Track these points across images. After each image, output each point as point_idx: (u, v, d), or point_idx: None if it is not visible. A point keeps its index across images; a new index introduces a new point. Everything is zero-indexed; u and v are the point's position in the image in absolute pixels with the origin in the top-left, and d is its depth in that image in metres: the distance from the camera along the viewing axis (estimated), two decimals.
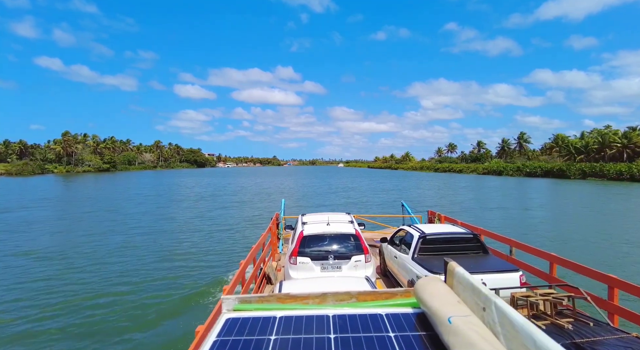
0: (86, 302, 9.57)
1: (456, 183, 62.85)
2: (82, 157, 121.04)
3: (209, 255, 14.46)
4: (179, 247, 15.80)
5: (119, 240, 16.89)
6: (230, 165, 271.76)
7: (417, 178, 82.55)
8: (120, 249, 15.18)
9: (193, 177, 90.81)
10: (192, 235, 18.24)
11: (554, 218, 24.45)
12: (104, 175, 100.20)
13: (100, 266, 12.79)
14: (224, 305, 2.23)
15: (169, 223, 21.90)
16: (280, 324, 1.93)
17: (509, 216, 24.95)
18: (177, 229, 19.97)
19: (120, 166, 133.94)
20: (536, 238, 16.79)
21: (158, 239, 17.17)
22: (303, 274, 6.99)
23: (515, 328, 1.28)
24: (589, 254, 14.20)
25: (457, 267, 1.90)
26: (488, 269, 6.13)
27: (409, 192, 45.88)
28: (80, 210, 27.56)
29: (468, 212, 26.02)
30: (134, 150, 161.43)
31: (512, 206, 30.50)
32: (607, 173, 68.24)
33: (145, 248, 15.48)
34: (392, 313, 1.99)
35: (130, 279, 11.41)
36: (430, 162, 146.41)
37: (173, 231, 19.27)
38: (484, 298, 1.54)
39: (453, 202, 34.03)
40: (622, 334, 3.24)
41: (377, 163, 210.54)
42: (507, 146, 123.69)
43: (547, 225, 21.30)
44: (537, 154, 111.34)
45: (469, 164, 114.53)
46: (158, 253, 14.64)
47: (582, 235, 18.23)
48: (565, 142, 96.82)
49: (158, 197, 39.50)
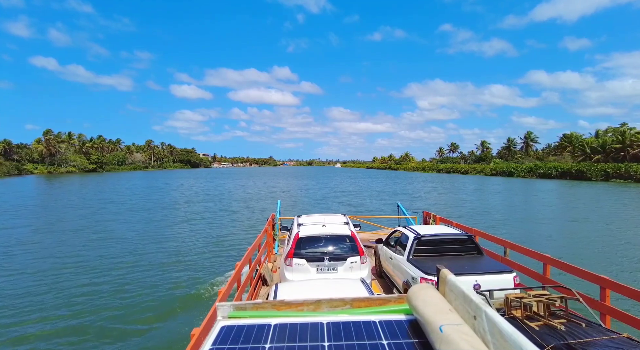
0: (77, 306, 9.50)
1: (472, 186, 56.78)
2: (66, 157, 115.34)
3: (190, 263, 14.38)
4: (160, 254, 15.70)
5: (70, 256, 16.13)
6: (225, 166, 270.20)
7: (421, 179, 78.28)
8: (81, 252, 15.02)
9: (180, 178, 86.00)
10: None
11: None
12: (88, 176, 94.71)
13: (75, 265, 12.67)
14: (219, 312, 2.24)
15: (110, 243, 16.63)
16: (275, 331, 1.94)
17: (593, 235, 18.22)
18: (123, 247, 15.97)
19: (109, 167, 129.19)
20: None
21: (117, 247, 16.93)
22: (299, 275, 7.01)
23: (504, 337, 1.31)
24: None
25: (449, 274, 1.92)
26: (482, 270, 6.18)
27: (423, 197, 39.06)
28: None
29: (532, 233, 18.87)
30: (125, 150, 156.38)
31: (576, 217, 24.15)
32: (634, 174, 61.40)
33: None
34: (385, 320, 2.01)
35: (121, 282, 11.33)
36: (432, 163, 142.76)
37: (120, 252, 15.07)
38: (475, 307, 1.56)
39: (487, 212, 26.66)
40: (613, 334, 3.28)
41: (375, 163, 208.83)
42: (512, 146, 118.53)
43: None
44: (540, 154, 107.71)
45: (474, 165, 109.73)
46: (138, 257, 14.56)
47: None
48: (579, 141, 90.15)
49: (114, 203, 33.12)
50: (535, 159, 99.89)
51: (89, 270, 12.52)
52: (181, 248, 15.88)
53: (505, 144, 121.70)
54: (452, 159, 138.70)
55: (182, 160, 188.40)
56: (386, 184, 63.97)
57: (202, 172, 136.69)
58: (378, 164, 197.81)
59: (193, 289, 10.64)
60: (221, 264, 13.30)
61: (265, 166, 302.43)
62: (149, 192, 46.62)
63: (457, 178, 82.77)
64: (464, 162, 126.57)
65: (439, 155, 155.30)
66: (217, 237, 18.18)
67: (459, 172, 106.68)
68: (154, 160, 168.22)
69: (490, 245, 8.72)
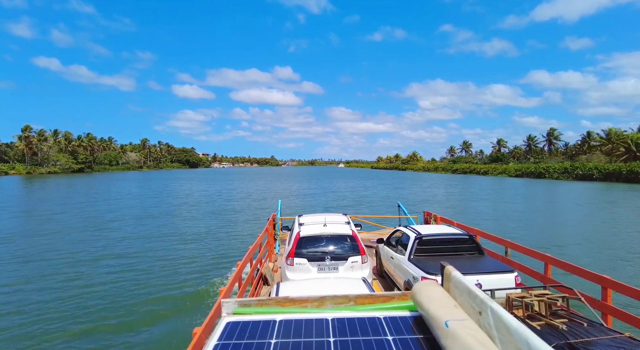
0: (77, 305, 9.52)
1: (511, 190, 47.27)
2: (48, 156, 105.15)
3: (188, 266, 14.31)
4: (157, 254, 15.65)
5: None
6: (225, 166, 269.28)
7: (439, 181, 69.22)
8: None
9: (171, 179, 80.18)
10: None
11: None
12: (71, 176, 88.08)
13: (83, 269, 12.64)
14: (224, 308, 2.25)
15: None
16: (280, 327, 1.95)
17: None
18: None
19: (99, 167, 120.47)
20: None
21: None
22: (300, 275, 7.02)
23: (510, 332, 1.32)
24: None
25: (454, 271, 1.93)
26: (483, 270, 6.19)
27: (474, 207, 29.58)
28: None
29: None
30: (118, 149, 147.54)
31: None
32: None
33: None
34: (390, 316, 2.02)
35: (121, 284, 11.32)
36: (444, 162, 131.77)
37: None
38: (480, 302, 1.57)
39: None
40: (615, 334, 3.29)
41: (381, 163, 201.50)
42: (534, 144, 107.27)
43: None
44: (568, 153, 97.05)
45: (495, 165, 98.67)
46: (141, 258, 14.54)
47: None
48: (621, 137, 79.07)
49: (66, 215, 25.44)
50: (563, 158, 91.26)
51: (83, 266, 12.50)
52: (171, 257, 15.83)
53: (524, 142, 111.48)
54: (465, 158, 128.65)
55: (181, 160, 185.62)
56: (401, 186, 56.48)
57: (198, 172, 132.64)
58: (383, 164, 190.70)
59: (193, 288, 10.63)
60: (213, 274, 13.28)
61: (266, 166, 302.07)
62: (97, 199, 37.24)
63: (477, 180, 74.21)
64: (474, 162, 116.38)
65: (450, 155, 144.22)
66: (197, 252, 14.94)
67: (476, 173, 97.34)
68: (151, 160, 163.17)
69: (492, 245, 8.73)
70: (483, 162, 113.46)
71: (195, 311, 9.03)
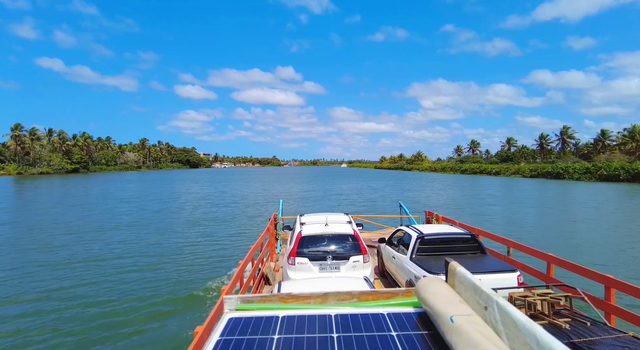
0: (79, 303, 9.53)
1: (536, 192, 42.66)
2: (40, 156, 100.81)
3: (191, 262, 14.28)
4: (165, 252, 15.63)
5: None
6: (227, 166, 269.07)
7: (450, 182, 64.77)
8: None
9: (158, 180, 75.92)
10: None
11: None
12: (65, 177, 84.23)
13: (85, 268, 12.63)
14: (226, 304, 2.23)
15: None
16: (282, 323, 1.94)
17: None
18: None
19: (95, 167, 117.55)
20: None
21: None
22: (301, 274, 7.00)
23: (517, 326, 1.30)
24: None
25: (459, 266, 1.92)
26: (486, 269, 6.16)
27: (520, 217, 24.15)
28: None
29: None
30: (116, 149, 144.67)
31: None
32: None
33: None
34: (393, 312, 2.01)
35: (122, 283, 11.34)
36: (451, 162, 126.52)
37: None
38: (486, 297, 1.55)
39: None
40: (619, 333, 3.27)
41: (384, 163, 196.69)
42: (546, 143, 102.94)
43: None
44: (584, 152, 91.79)
45: (508, 165, 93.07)
46: (143, 257, 14.53)
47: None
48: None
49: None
50: (575, 158, 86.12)
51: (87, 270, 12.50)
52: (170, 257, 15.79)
53: (536, 141, 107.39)
54: (473, 158, 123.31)
55: (181, 160, 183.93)
56: (411, 188, 52.11)
57: (196, 173, 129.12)
58: (387, 164, 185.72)
59: (193, 288, 10.62)
60: (216, 274, 13.25)
61: (268, 166, 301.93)
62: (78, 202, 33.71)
63: (490, 181, 69.79)
64: (482, 162, 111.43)
65: (457, 154, 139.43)
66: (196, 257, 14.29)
67: (487, 173, 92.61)
68: (150, 160, 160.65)
69: (494, 244, 8.71)
70: (490, 162, 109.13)
71: (197, 310, 9.03)
